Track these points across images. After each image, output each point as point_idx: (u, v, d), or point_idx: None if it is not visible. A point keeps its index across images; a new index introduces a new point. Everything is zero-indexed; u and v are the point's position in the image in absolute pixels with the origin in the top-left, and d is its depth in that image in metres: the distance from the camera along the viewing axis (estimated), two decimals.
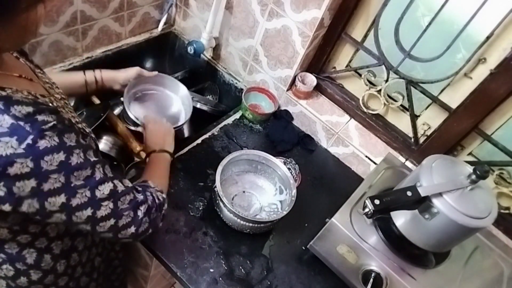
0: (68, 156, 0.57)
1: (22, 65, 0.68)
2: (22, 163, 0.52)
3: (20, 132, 0.52)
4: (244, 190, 1.14)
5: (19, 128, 0.52)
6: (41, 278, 0.74)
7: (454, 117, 1.13)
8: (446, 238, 0.87)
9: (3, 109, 0.52)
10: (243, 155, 1.10)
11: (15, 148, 0.51)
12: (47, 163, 0.54)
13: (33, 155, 0.52)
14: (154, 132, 1.01)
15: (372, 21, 1.19)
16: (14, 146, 0.51)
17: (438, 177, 0.84)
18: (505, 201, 1.15)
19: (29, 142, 0.52)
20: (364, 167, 1.32)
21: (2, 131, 0.51)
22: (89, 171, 0.60)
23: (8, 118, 0.51)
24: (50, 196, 0.56)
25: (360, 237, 0.91)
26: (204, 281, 0.93)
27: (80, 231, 0.74)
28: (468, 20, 1.00)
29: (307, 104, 1.35)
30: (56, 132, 0.55)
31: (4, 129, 0.51)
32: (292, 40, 1.24)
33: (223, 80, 1.54)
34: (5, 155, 0.51)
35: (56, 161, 0.55)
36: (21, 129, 0.52)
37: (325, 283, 1.01)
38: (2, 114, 0.51)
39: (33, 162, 0.53)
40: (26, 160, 0.52)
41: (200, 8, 1.45)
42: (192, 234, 1.01)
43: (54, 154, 0.55)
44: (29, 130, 0.52)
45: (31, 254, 0.70)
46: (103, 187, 0.63)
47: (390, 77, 1.21)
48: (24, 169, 0.52)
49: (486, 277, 0.98)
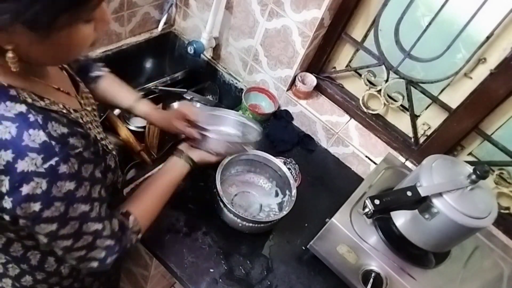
0: (77, 187, 0.57)
1: (64, 77, 0.70)
2: (38, 183, 0.52)
3: (48, 151, 0.53)
4: (243, 190, 1.14)
5: (49, 147, 0.53)
6: (45, 278, 0.75)
7: (454, 117, 1.13)
8: (446, 238, 0.87)
9: (41, 124, 0.53)
10: (243, 155, 1.10)
11: (37, 166, 0.52)
12: (57, 189, 0.54)
13: (50, 177, 0.53)
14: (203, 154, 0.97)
15: (372, 21, 1.19)
16: (37, 164, 0.52)
17: (438, 177, 0.84)
18: (505, 201, 1.15)
19: (52, 164, 0.53)
20: (364, 167, 1.32)
21: (33, 146, 0.52)
22: (87, 207, 0.61)
23: (43, 135, 0.52)
24: (44, 223, 0.57)
25: (360, 237, 0.91)
26: (204, 281, 0.93)
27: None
28: (468, 20, 1.00)
29: (307, 104, 1.35)
30: (79, 160, 0.56)
31: (36, 144, 0.52)
32: (292, 40, 1.24)
33: (223, 80, 1.54)
34: (26, 171, 0.51)
35: (65, 189, 0.55)
36: (50, 148, 0.53)
37: (325, 283, 1.01)
38: (38, 129, 0.52)
39: (47, 184, 0.53)
40: (42, 180, 0.52)
41: (200, 8, 1.45)
42: (192, 234, 1.01)
43: (66, 182, 0.55)
44: (57, 152, 0.53)
45: (35, 256, 0.70)
46: (92, 225, 0.63)
47: (390, 77, 1.21)
48: (37, 190, 0.53)
49: (486, 277, 0.98)
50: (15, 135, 0.51)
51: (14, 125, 0.51)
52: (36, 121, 0.53)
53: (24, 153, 0.51)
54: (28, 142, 0.51)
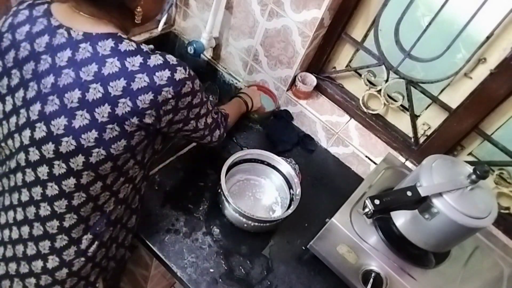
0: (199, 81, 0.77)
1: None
2: (188, 84, 0.72)
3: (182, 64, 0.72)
4: (247, 190, 1.14)
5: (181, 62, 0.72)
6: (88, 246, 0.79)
7: (454, 117, 1.13)
8: (446, 238, 0.87)
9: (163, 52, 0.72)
10: (247, 154, 1.10)
11: (184, 73, 0.71)
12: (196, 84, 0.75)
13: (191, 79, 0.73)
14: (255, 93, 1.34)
15: (372, 21, 1.19)
16: (184, 72, 0.71)
17: (438, 177, 0.84)
18: (505, 201, 1.15)
19: (189, 70, 0.73)
20: (364, 167, 1.32)
21: (174, 63, 0.70)
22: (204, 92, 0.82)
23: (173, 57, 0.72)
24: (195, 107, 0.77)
25: (360, 237, 0.91)
26: (204, 281, 0.93)
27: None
28: (468, 20, 1.00)
29: (307, 104, 1.35)
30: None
31: (175, 61, 0.71)
32: (292, 40, 1.24)
33: (223, 80, 1.54)
34: (180, 79, 0.70)
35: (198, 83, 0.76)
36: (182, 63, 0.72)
37: (325, 283, 1.01)
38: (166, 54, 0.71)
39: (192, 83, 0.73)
40: (189, 82, 0.72)
41: (200, 8, 1.45)
42: (192, 234, 1.01)
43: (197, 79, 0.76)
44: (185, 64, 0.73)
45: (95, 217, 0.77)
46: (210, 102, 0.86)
47: (390, 77, 1.21)
48: (188, 88, 0.72)
49: (486, 277, 0.98)
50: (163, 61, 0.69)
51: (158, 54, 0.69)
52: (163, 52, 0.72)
53: (174, 68, 0.69)
54: (173, 62, 0.70)
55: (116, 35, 0.68)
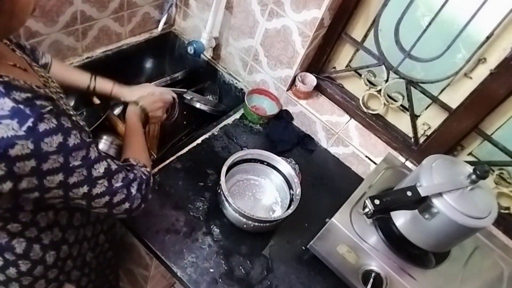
0: (66, 138, 0.58)
1: (18, 57, 0.69)
2: (23, 145, 0.53)
3: (20, 115, 0.53)
4: (247, 190, 1.14)
5: (20, 111, 0.53)
6: (30, 269, 0.74)
7: (454, 117, 1.13)
8: (446, 238, 0.87)
9: (4, 92, 0.53)
10: (247, 154, 1.10)
11: (16, 130, 0.52)
12: (47, 145, 0.55)
13: (33, 137, 0.54)
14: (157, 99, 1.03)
15: (372, 21, 1.19)
16: (15, 128, 0.52)
17: (438, 177, 0.84)
18: (505, 201, 1.15)
19: (29, 125, 0.53)
20: (364, 167, 1.32)
21: (3, 113, 0.52)
22: (85, 151, 0.62)
23: (8, 101, 0.52)
24: (49, 175, 0.58)
25: (360, 237, 0.91)
26: (204, 281, 0.93)
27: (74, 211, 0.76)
28: (468, 20, 1.00)
29: (307, 104, 1.35)
30: (54, 115, 0.57)
31: (5, 112, 0.52)
32: (292, 40, 1.24)
33: (223, 80, 1.54)
34: (6, 137, 0.52)
35: (56, 143, 0.57)
36: (21, 112, 0.53)
37: (325, 283, 1.01)
38: (3, 97, 0.52)
39: (33, 144, 0.54)
40: (27, 142, 0.53)
41: (200, 8, 1.45)
42: (192, 234, 1.01)
43: (53, 136, 0.56)
44: (29, 113, 0.53)
45: (20, 244, 0.70)
46: (98, 166, 0.65)
47: (390, 77, 1.21)
48: (25, 151, 0.54)
49: (486, 277, 0.98)
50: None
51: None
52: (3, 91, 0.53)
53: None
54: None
55: None
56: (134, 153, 0.83)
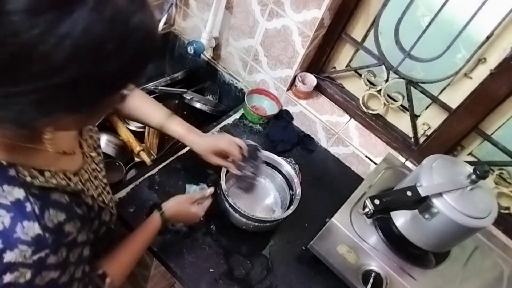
0: (60, 275, 0.55)
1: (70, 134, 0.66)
2: (22, 273, 0.49)
3: (40, 244, 0.50)
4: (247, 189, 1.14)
5: (42, 240, 0.50)
6: None
7: (454, 117, 1.13)
8: (446, 238, 0.87)
9: (38, 215, 0.50)
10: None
11: (26, 258, 0.49)
12: (40, 278, 0.51)
13: (36, 268, 0.50)
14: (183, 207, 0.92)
15: (372, 21, 1.19)
16: (26, 256, 0.49)
17: (438, 177, 0.84)
18: (505, 201, 1.15)
19: (41, 255, 0.50)
20: (364, 167, 1.32)
21: (25, 239, 0.49)
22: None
23: (37, 228, 0.50)
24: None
25: (360, 237, 0.91)
26: (204, 281, 0.93)
27: None
28: (468, 20, 1.00)
29: (307, 104, 1.35)
30: (68, 247, 0.54)
31: (28, 237, 0.49)
32: (292, 40, 1.24)
33: (223, 80, 1.54)
34: (13, 262, 0.48)
35: (48, 278, 0.53)
36: (43, 241, 0.50)
37: (325, 283, 1.01)
38: (34, 221, 0.50)
39: (31, 274, 0.50)
40: (28, 271, 0.50)
41: (200, 8, 1.45)
42: (192, 234, 1.01)
43: (51, 271, 0.53)
44: (49, 244, 0.51)
45: None
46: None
47: (390, 77, 1.21)
48: (20, 280, 0.49)
49: (486, 277, 0.98)
50: (8, 226, 0.48)
51: (9, 215, 0.49)
52: (33, 211, 0.50)
53: (15, 245, 0.48)
54: (21, 235, 0.49)
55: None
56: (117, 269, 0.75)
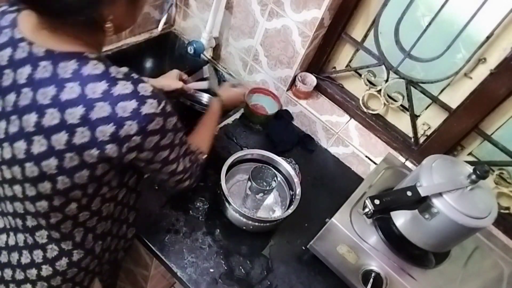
0: (176, 121, 0.69)
1: None
2: (158, 121, 0.63)
3: (158, 97, 0.63)
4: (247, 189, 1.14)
5: (158, 94, 0.64)
6: (80, 259, 0.78)
7: (454, 117, 1.13)
8: (446, 238, 0.87)
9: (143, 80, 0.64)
10: (247, 154, 1.10)
11: (155, 108, 0.62)
12: (169, 123, 0.66)
13: (164, 115, 0.64)
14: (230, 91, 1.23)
15: (372, 21, 1.19)
16: (155, 107, 0.62)
17: (438, 177, 0.84)
18: (505, 201, 1.15)
19: (163, 105, 0.64)
20: (364, 167, 1.32)
21: (148, 94, 0.62)
22: (182, 133, 0.73)
23: (149, 87, 0.63)
24: (161, 150, 0.68)
25: (360, 237, 0.91)
26: (204, 281, 0.93)
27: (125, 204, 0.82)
28: (468, 20, 1.00)
29: (307, 104, 1.35)
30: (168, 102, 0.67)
31: (149, 93, 0.62)
32: (292, 40, 1.24)
33: (223, 80, 1.54)
34: (149, 113, 0.61)
35: (173, 122, 0.67)
36: (158, 94, 0.64)
37: (325, 283, 1.01)
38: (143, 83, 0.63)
39: (163, 121, 0.64)
40: (160, 119, 0.63)
41: (200, 8, 1.45)
42: (192, 234, 1.01)
43: (173, 117, 0.67)
44: (163, 97, 0.65)
45: (79, 233, 0.74)
46: (185, 147, 0.77)
47: (390, 77, 1.21)
48: (157, 126, 0.63)
49: (486, 277, 0.98)
50: (132, 89, 0.61)
51: (128, 82, 0.61)
52: (139, 77, 0.64)
53: (144, 100, 0.61)
54: (144, 92, 0.61)
55: (82, 55, 0.61)
56: (198, 139, 0.94)
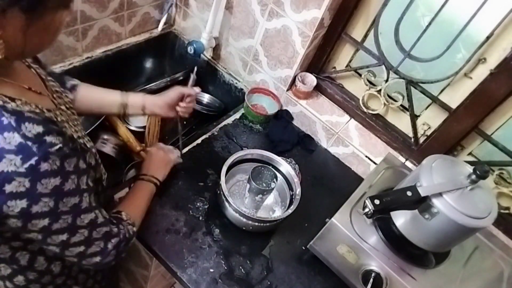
0: (63, 182, 0.57)
1: (33, 76, 0.68)
2: (20, 182, 0.53)
3: (26, 152, 0.52)
4: (246, 190, 1.14)
5: (26, 148, 0.52)
6: (37, 278, 0.74)
7: (454, 117, 1.13)
8: (446, 238, 0.87)
9: (15, 126, 0.52)
10: (247, 154, 1.10)
11: (17, 166, 0.52)
12: (42, 186, 0.54)
13: (32, 176, 0.53)
14: (154, 157, 1.02)
15: (372, 21, 1.19)
16: (17, 164, 0.52)
17: (438, 177, 0.84)
18: (505, 201, 1.15)
19: (32, 163, 0.53)
20: (364, 167, 1.32)
21: (9, 148, 0.52)
22: (77, 199, 0.61)
23: (17, 137, 0.52)
24: (35, 219, 0.57)
25: (360, 237, 0.91)
26: (204, 281, 0.93)
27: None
28: (468, 20, 1.00)
29: (307, 104, 1.35)
30: (60, 156, 0.56)
31: (12, 146, 0.52)
32: (292, 40, 1.24)
33: (223, 80, 1.54)
34: (6, 172, 0.52)
35: (51, 185, 0.56)
36: (27, 149, 0.52)
37: (325, 283, 1.01)
38: (13, 131, 0.52)
39: (30, 183, 0.53)
40: (24, 180, 0.53)
41: (200, 8, 1.45)
42: (192, 234, 1.01)
43: (51, 178, 0.55)
44: (35, 151, 0.53)
45: (24, 256, 0.70)
46: (85, 216, 0.64)
47: (390, 77, 1.21)
48: (20, 188, 0.53)
49: (486, 277, 0.98)
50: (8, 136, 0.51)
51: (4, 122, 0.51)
52: (9, 124, 0.52)
53: (1, 155, 0.51)
54: (4, 145, 0.51)
55: None
56: (130, 208, 0.82)
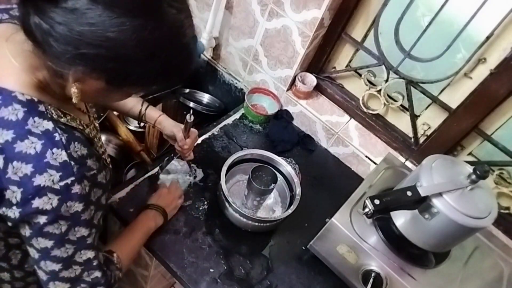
0: (84, 210, 0.58)
1: None
2: (50, 199, 0.54)
3: (67, 170, 0.55)
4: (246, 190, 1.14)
5: (69, 167, 0.55)
6: (23, 277, 0.74)
7: (454, 117, 1.13)
8: (446, 238, 0.87)
9: (65, 144, 0.55)
10: (247, 154, 1.10)
11: (54, 183, 0.54)
12: (66, 208, 0.56)
13: (63, 195, 0.55)
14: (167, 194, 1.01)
15: (372, 21, 1.19)
16: (54, 181, 0.54)
17: (438, 177, 0.84)
18: (505, 201, 1.15)
19: (67, 182, 0.54)
20: (364, 167, 1.32)
21: (54, 164, 0.54)
22: (87, 232, 0.61)
23: (64, 155, 0.55)
24: (43, 237, 0.58)
25: (360, 237, 0.91)
26: (204, 281, 0.93)
27: None
28: (468, 20, 1.00)
29: (307, 104, 1.35)
30: (91, 183, 0.58)
31: (56, 163, 0.54)
32: (292, 40, 1.24)
33: (223, 80, 1.54)
34: (41, 186, 0.53)
35: (73, 210, 0.57)
36: (69, 168, 0.55)
37: (325, 283, 1.01)
38: (62, 149, 0.55)
39: (58, 201, 0.54)
40: (55, 197, 0.54)
41: (200, 8, 1.45)
42: (192, 234, 1.01)
43: (76, 202, 0.57)
44: (75, 172, 0.55)
45: (16, 256, 0.70)
46: (85, 253, 0.63)
47: (390, 77, 1.21)
48: (46, 206, 0.54)
49: (486, 277, 0.98)
50: (39, 151, 0.53)
51: (40, 142, 0.53)
52: (60, 140, 0.55)
53: (44, 169, 0.53)
54: (50, 160, 0.53)
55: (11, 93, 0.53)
56: (123, 250, 0.80)
